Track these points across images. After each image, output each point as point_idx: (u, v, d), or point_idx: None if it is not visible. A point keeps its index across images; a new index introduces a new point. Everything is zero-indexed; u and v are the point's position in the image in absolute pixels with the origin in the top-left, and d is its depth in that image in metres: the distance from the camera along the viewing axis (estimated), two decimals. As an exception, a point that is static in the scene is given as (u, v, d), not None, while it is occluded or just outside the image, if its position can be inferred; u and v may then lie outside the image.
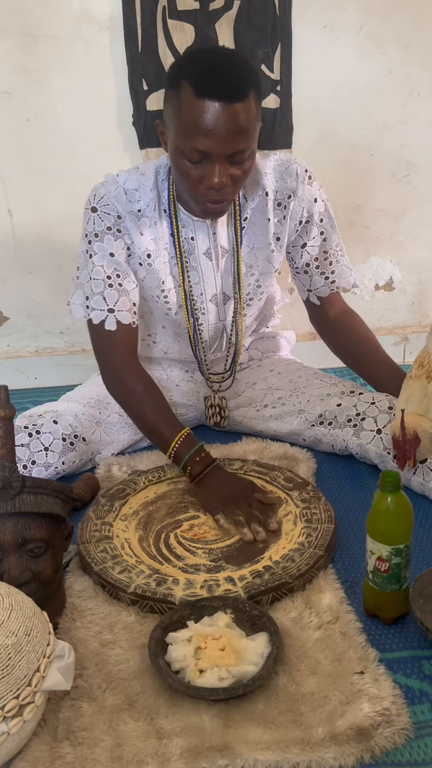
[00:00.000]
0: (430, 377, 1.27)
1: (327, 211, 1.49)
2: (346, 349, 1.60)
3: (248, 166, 1.26)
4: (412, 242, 2.16)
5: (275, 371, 1.65)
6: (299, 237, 1.50)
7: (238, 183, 1.27)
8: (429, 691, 0.94)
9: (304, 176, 1.43)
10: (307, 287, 1.57)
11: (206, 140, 1.18)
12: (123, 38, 1.81)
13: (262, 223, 1.45)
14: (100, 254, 1.38)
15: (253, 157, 1.28)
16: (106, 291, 1.39)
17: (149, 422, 1.39)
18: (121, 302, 1.40)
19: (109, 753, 0.85)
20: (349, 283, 1.57)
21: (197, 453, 1.34)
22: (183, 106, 1.19)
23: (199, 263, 1.45)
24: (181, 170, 1.25)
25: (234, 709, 0.91)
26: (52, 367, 2.13)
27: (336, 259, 1.54)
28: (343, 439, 1.47)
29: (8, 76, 1.83)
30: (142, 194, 1.37)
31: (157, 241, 1.41)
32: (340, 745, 0.84)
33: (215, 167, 1.22)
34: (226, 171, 1.23)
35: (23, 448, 1.39)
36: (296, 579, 1.10)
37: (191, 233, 1.42)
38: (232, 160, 1.22)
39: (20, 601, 0.88)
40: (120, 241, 1.38)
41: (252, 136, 1.23)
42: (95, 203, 1.37)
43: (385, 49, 1.92)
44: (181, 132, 1.20)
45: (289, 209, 1.44)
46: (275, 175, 1.42)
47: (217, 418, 1.64)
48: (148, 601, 1.07)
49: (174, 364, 1.66)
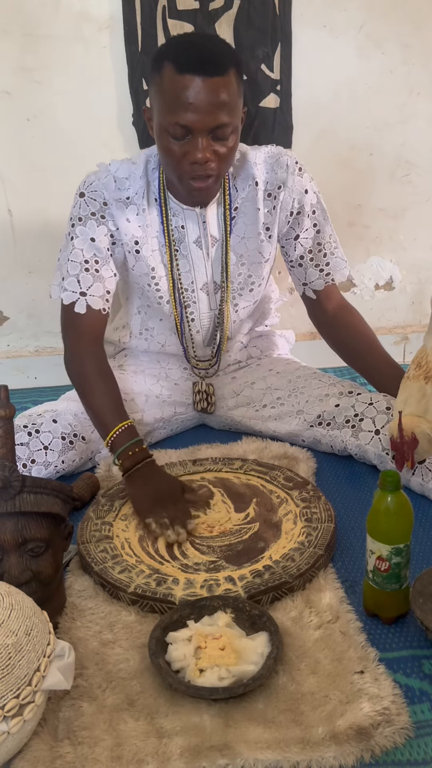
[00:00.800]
0: (428, 378, 1.27)
1: (319, 203, 1.50)
2: (344, 346, 1.59)
3: (231, 143, 1.28)
4: (411, 242, 2.16)
5: (274, 371, 1.65)
6: (291, 229, 1.51)
7: (223, 161, 1.29)
8: (429, 691, 0.94)
9: (294, 168, 1.44)
10: (302, 281, 1.57)
11: (188, 114, 1.21)
12: (123, 38, 1.81)
13: (252, 212, 1.46)
14: (81, 238, 1.41)
15: (237, 134, 1.30)
16: (81, 274, 1.42)
17: (96, 407, 1.38)
18: (95, 287, 1.42)
19: (110, 752, 0.85)
20: (344, 275, 1.57)
21: (133, 446, 1.33)
22: (165, 84, 1.22)
23: (190, 252, 1.47)
24: (166, 149, 1.27)
25: (234, 709, 0.91)
26: (52, 367, 2.13)
27: (330, 251, 1.54)
28: (342, 440, 1.47)
29: (8, 75, 1.83)
30: (132, 182, 1.41)
31: (146, 228, 1.43)
32: (340, 744, 0.84)
33: (198, 141, 1.24)
34: (209, 146, 1.25)
35: (23, 446, 1.39)
36: (296, 578, 1.10)
37: (181, 222, 1.44)
38: (215, 135, 1.25)
39: (20, 600, 0.88)
40: (103, 227, 1.41)
41: (234, 111, 1.26)
42: (83, 189, 1.41)
43: (385, 49, 1.92)
44: (164, 109, 1.23)
45: (279, 200, 1.45)
46: (265, 166, 1.44)
47: (204, 404, 1.64)
48: (148, 601, 1.08)
49: (172, 362, 1.66)
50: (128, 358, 1.69)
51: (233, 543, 1.22)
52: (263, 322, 1.74)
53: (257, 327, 1.73)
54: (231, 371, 1.70)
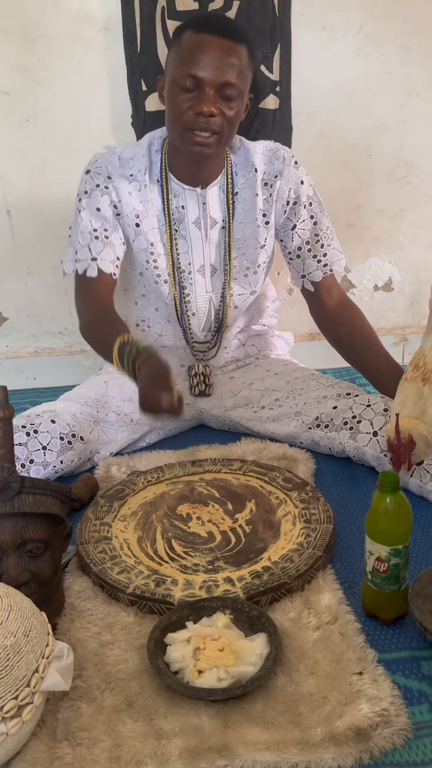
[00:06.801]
0: (425, 380, 1.27)
1: (315, 195, 1.56)
2: (345, 343, 1.60)
3: (236, 108, 1.37)
4: (411, 242, 2.16)
5: (272, 371, 1.65)
6: (288, 219, 1.55)
7: (227, 123, 1.36)
8: (428, 692, 0.94)
9: (291, 160, 1.52)
10: (300, 273, 1.60)
11: (201, 66, 1.31)
12: (122, 39, 1.81)
13: (251, 197, 1.52)
14: (87, 210, 1.47)
15: (242, 103, 1.38)
16: (91, 243, 1.46)
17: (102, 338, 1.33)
18: (105, 252, 1.46)
19: (108, 753, 0.85)
20: (341, 266, 1.60)
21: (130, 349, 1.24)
22: (183, 44, 1.33)
23: (189, 232, 1.52)
24: (173, 102, 1.35)
25: (233, 710, 0.91)
26: (51, 368, 2.13)
27: (327, 243, 1.58)
28: (340, 442, 1.47)
29: (7, 76, 1.83)
30: (135, 162, 1.48)
31: (146, 204, 1.49)
32: (338, 745, 0.84)
33: (206, 93, 1.32)
34: (215, 102, 1.33)
35: (21, 447, 1.39)
36: (295, 579, 1.10)
37: (182, 202, 1.50)
38: (222, 94, 1.33)
39: (19, 601, 0.88)
40: (107, 197, 1.47)
41: (242, 78, 1.35)
42: (89, 167, 1.49)
43: (385, 50, 1.92)
44: (179, 63, 1.33)
45: (275, 188, 1.52)
46: (263, 158, 1.51)
47: (202, 387, 1.64)
48: (147, 602, 1.08)
49: (170, 357, 1.66)
50: None
51: (232, 544, 1.22)
52: (259, 320, 1.74)
53: (254, 325, 1.74)
54: (229, 370, 1.71)
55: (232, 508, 1.32)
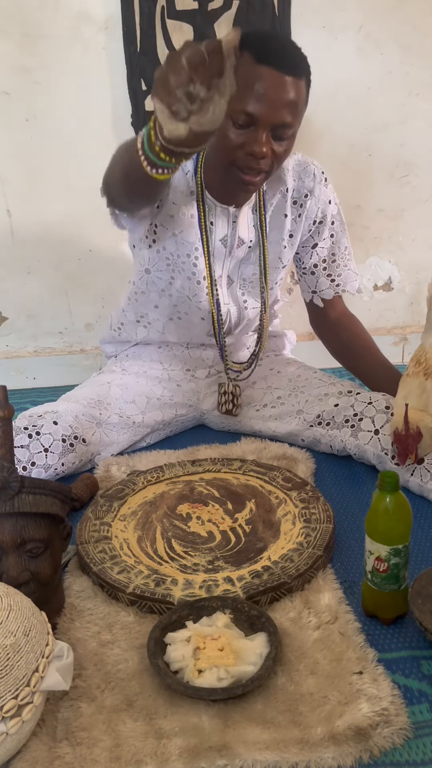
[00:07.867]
0: (427, 374, 1.27)
1: (339, 214, 1.53)
2: (344, 349, 1.61)
3: (287, 146, 1.29)
4: (410, 242, 2.16)
5: (275, 370, 1.66)
6: (311, 237, 1.53)
7: (275, 161, 1.29)
8: (428, 691, 0.94)
9: (321, 177, 1.47)
10: (312, 288, 1.59)
11: (258, 104, 1.21)
12: (122, 38, 1.81)
13: (279, 218, 1.48)
14: None
15: (293, 141, 1.30)
16: None
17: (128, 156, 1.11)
18: None
19: (108, 753, 0.85)
20: (354, 287, 1.59)
21: None
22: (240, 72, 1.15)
23: (214, 248, 1.46)
24: (222, 136, 1.24)
25: (233, 709, 0.91)
26: (51, 368, 2.13)
27: (344, 263, 1.57)
28: (341, 439, 1.47)
29: (7, 76, 1.83)
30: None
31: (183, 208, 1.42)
32: (338, 745, 0.84)
33: (260, 134, 1.23)
34: (269, 143, 1.25)
35: (23, 449, 1.38)
36: (295, 579, 1.10)
37: (211, 218, 1.44)
38: (275, 134, 1.25)
39: (19, 601, 0.88)
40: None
41: (297, 116, 1.26)
42: None
43: (384, 49, 1.92)
44: None
45: (305, 208, 1.48)
46: (293, 174, 1.46)
47: (230, 406, 1.60)
48: (146, 602, 1.07)
49: (175, 363, 1.66)
50: (130, 360, 1.68)
51: (232, 544, 1.22)
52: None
53: None
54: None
55: (232, 508, 1.32)
